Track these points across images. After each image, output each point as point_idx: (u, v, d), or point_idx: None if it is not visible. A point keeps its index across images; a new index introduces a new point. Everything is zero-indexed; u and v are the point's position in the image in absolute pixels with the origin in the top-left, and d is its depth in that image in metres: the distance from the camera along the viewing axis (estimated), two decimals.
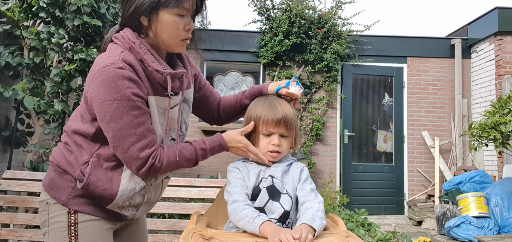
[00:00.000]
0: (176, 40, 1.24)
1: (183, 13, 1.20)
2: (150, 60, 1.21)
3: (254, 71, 6.48)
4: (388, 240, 4.14)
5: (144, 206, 1.40)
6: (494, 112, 4.05)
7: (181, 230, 2.48)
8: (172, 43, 1.24)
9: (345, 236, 1.16)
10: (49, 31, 3.45)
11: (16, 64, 3.46)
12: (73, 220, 1.26)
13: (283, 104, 1.39)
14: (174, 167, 1.25)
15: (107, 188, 1.25)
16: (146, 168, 1.18)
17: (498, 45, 5.76)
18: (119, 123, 1.14)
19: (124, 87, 1.13)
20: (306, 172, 1.37)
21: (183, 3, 1.19)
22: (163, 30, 1.20)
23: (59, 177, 1.28)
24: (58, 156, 1.30)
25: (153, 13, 1.18)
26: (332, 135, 6.28)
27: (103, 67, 1.14)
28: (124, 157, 1.19)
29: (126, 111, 1.14)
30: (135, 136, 1.16)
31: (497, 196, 4.47)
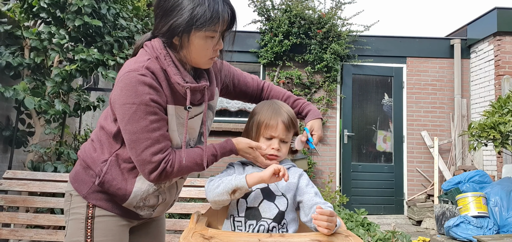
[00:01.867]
0: (204, 59, 1.29)
1: (213, 35, 1.24)
2: (172, 72, 1.25)
3: (254, 71, 6.49)
4: (387, 239, 4.15)
5: (160, 207, 1.45)
6: (493, 112, 4.07)
7: (181, 229, 2.49)
8: (200, 62, 1.29)
9: (345, 236, 1.17)
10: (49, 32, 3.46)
11: (17, 64, 3.47)
12: (91, 213, 1.32)
13: (288, 108, 1.45)
14: (185, 171, 1.28)
15: (121, 187, 1.31)
16: (157, 172, 1.22)
17: (497, 46, 5.77)
18: (135, 126, 1.20)
19: (144, 93, 1.19)
20: (306, 177, 1.40)
21: (214, 27, 1.22)
22: (193, 50, 1.25)
23: (83, 171, 1.35)
24: (85, 151, 1.37)
25: (185, 35, 1.22)
26: (332, 134, 6.29)
27: (127, 72, 1.21)
28: (138, 160, 1.23)
29: (143, 115, 1.19)
30: (150, 140, 1.20)
31: (496, 195, 4.49)
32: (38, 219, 2.51)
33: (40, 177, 2.62)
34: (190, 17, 1.18)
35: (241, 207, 1.31)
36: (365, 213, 5.36)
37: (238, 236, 1.15)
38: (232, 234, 1.19)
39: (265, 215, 1.28)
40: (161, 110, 1.24)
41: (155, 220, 1.57)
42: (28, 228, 2.63)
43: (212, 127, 6.50)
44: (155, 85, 1.21)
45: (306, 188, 1.34)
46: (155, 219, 1.57)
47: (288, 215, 1.32)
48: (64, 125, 3.84)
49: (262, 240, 1.12)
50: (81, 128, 4.90)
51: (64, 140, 3.86)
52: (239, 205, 1.31)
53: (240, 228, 1.30)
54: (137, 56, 1.30)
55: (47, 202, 2.56)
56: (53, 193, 2.73)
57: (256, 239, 1.12)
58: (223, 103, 6.38)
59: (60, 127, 3.77)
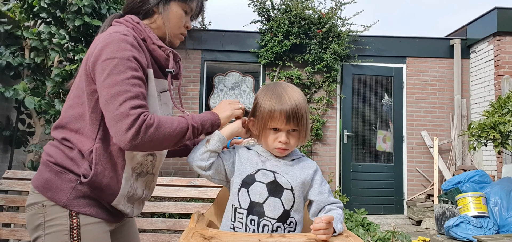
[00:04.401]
0: (177, 31, 1.36)
1: (188, 11, 1.36)
2: (154, 38, 1.30)
3: (254, 71, 6.50)
4: (387, 239, 4.16)
5: (139, 205, 1.41)
6: (493, 112, 4.07)
7: (181, 229, 2.49)
8: (173, 32, 1.36)
9: (345, 236, 1.17)
10: (50, 32, 3.46)
11: (17, 64, 3.47)
12: (76, 222, 1.19)
13: (292, 93, 1.27)
14: (166, 130, 1.16)
15: (113, 176, 1.23)
16: (136, 127, 1.10)
17: (497, 46, 5.77)
18: (115, 79, 1.12)
19: (126, 49, 1.17)
20: (320, 174, 1.31)
21: (191, 3, 1.36)
22: (171, 19, 1.33)
23: (56, 177, 1.20)
24: (56, 154, 1.22)
25: (166, 3, 1.32)
26: (332, 134, 6.29)
27: (108, 34, 1.19)
28: (115, 115, 1.11)
29: (124, 69, 1.14)
30: (130, 93, 1.12)
31: (496, 195, 4.49)
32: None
33: None
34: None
35: (243, 198, 1.25)
36: (365, 213, 5.36)
37: (238, 237, 1.15)
38: (232, 234, 1.19)
39: (269, 214, 1.22)
40: (143, 72, 1.20)
41: (128, 221, 1.50)
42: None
43: None
44: (137, 45, 1.21)
45: (320, 188, 1.28)
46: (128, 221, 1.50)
47: (295, 214, 1.25)
48: None
49: (263, 240, 1.12)
50: None
51: None
52: (240, 195, 1.25)
53: (241, 220, 1.24)
54: (108, 30, 1.25)
55: None
56: None
57: (256, 239, 1.12)
58: None
59: None
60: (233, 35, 6.37)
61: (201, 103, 6.29)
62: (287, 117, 1.23)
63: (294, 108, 1.23)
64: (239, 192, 1.26)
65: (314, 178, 1.29)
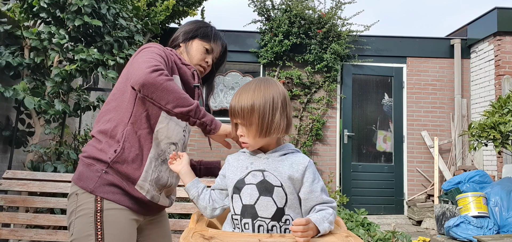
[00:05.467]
0: (197, 62, 1.64)
1: (209, 50, 1.66)
2: (183, 59, 1.58)
3: (254, 71, 6.49)
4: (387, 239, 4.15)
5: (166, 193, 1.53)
6: (494, 112, 4.07)
7: (181, 229, 2.49)
8: (193, 61, 1.63)
9: (345, 236, 1.17)
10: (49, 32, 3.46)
11: (16, 64, 3.46)
12: (100, 207, 1.33)
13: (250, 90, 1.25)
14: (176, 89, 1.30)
15: (139, 153, 1.38)
16: (156, 68, 1.28)
17: (497, 45, 5.77)
18: (146, 55, 1.35)
19: (157, 51, 1.41)
20: (312, 170, 1.26)
21: (210, 44, 1.66)
22: (192, 51, 1.64)
23: (86, 169, 1.37)
24: (88, 149, 1.41)
25: (189, 40, 1.66)
26: (332, 134, 6.29)
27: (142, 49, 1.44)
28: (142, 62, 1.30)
29: (153, 54, 1.37)
30: (155, 60, 1.33)
31: (496, 195, 4.49)
32: (38, 219, 2.51)
33: (40, 177, 2.61)
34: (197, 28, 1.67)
35: (236, 204, 1.24)
36: (365, 213, 5.35)
37: (238, 237, 1.15)
38: (232, 234, 1.18)
39: (262, 214, 1.19)
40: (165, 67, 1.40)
41: (160, 220, 1.61)
42: (28, 228, 2.63)
43: None
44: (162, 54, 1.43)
45: (312, 186, 1.23)
46: (160, 220, 1.61)
47: (290, 211, 1.22)
48: (64, 125, 3.84)
49: (262, 240, 1.11)
50: (81, 127, 4.90)
51: (64, 140, 3.86)
52: (234, 202, 1.25)
53: (238, 226, 1.24)
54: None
55: (47, 202, 2.56)
56: (53, 193, 2.73)
57: (256, 239, 1.12)
58: (223, 103, 6.38)
59: (60, 127, 3.77)
60: (233, 35, 6.37)
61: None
62: (232, 110, 1.27)
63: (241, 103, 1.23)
64: (233, 199, 1.25)
65: (305, 176, 1.23)
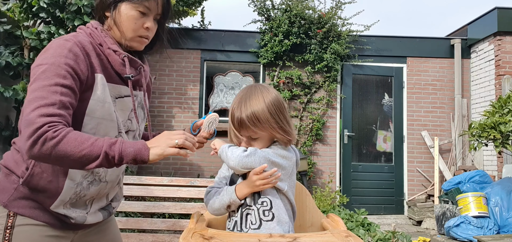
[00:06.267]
0: (133, 34, 1.26)
1: (144, 11, 1.25)
2: (109, 42, 1.24)
3: (254, 71, 6.49)
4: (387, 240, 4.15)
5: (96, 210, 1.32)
6: (494, 112, 4.06)
7: (181, 229, 2.49)
8: (130, 35, 1.26)
9: (345, 236, 1.17)
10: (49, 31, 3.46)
11: (16, 64, 3.46)
12: (11, 223, 1.17)
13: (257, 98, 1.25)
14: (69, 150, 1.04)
15: (53, 179, 1.17)
16: (36, 136, 1.01)
17: (497, 45, 5.76)
18: (38, 84, 1.07)
19: (61, 55, 1.11)
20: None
21: (144, 2, 1.24)
22: (122, 21, 1.24)
23: (4, 179, 1.21)
24: (7, 156, 1.24)
25: (115, 6, 1.24)
26: (332, 134, 6.28)
27: (54, 40, 1.18)
28: (25, 120, 1.03)
29: (51, 76, 1.08)
30: (45, 100, 1.05)
31: (496, 195, 4.48)
32: None
33: None
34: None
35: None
36: (365, 213, 5.35)
37: (238, 237, 1.15)
38: (232, 235, 1.18)
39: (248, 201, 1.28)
40: (75, 81, 1.12)
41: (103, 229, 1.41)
42: None
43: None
44: (77, 52, 1.14)
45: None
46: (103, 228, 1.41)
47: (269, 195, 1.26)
48: None
49: (262, 240, 1.11)
50: None
51: None
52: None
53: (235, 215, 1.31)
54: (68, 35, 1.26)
55: None
56: None
57: (256, 239, 1.12)
58: (223, 103, 6.38)
59: None
60: (233, 35, 6.37)
61: (201, 103, 6.28)
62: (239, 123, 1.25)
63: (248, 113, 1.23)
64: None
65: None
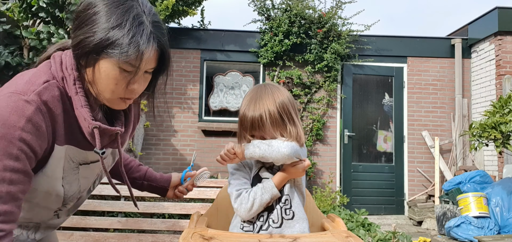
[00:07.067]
0: (112, 95, 0.99)
1: (127, 69, 0.95)
2: (79, 103, 0.98)
3: (254, 71, 6.48)
4: (388, 240, 4.14)
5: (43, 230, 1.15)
6: (495, 112, 4.05)
7: (181, 230, 2.48)
8: (107, 97, 0.99)
9: (345, 236, 1.16)
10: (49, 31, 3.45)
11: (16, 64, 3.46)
12: None
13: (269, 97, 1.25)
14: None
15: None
16: None
17: (498, 45, 5.76)
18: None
19: (17, 127, 0.86)
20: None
21: (130, 60, 0.93)
22: (100, 79, 0.96)
23: None
24: None
25: (91, 57, 0.94)
26: (332, 134, 6.27)
27: (11, 92, 0.89)
28: None
29: (0, 155, 0.85)
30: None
31: (497, 196, 4.47)
32: None
33: None
34: (102, 38, 0.91)
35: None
36: (365, 214, 5.34)
37: (238, 237, 1.14)
38: (232, 235, 1.17)
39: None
40: (30, 160, 0.91)
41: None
42: None
43: (212, 127, 6.48)
44: (39, 123, 0.90)
45: None
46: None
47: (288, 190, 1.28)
48: None
49: (262, 240, 1.10)
50: None
51: None
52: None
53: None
54: (36, 70, 0.99)
55: None
56: None
57: (256, 239, 1.11)
58: (223, 103, 6.37)
59: None
60: (233, 35, 6.36)
61: (201, 103, 6.27)
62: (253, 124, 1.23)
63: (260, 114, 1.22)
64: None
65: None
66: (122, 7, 0.93)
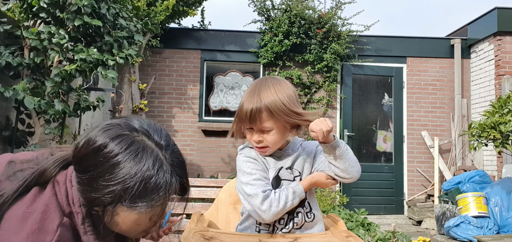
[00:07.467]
0: (135, 233, 0.96)
1: (150, 217, 0.93)
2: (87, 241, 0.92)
3: (254, 71, 6.49)
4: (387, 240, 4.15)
5: None
6: (494, 112, 4.06)
7: (181, 229, 2.48)
8: (130, 235, 0.97)
9: (345, 236, 1.17)
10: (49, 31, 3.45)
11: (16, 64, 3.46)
12: None
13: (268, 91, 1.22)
14: None
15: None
16: None
17: (497, 45, 5.76)
18: None
19: None
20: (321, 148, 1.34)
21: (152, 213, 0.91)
22: (121, 223, 0.91)
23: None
24: None
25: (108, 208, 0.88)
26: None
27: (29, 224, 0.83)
28: None
29: None
30: None
31: (496, 195, 4.48)
32: None
33: None
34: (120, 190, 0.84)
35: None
36: (365, 213, 5.35)
37: (238, 237, 1.15)
38: (232, 235, 1.18)
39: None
40: None
41: None
42: None
43: (212, 127, 6.47)
44: None
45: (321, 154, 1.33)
46: None
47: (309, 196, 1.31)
48: (64, 125, 3.83)
49: (263, 240, 1.11)
50: (81, 128, 4.89)
51: (64, 140, 3.86)
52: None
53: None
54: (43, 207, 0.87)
55: None
56: None
57: (256, 239, 1.12)
58: (223, 103, 6.38)
59: (60, 127, 3.76)
60: (233, 35, 6.37)
61: (201, 103, 6.28)
62: (251, 116, 1.19)
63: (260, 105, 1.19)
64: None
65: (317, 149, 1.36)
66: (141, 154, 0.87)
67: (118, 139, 0.87)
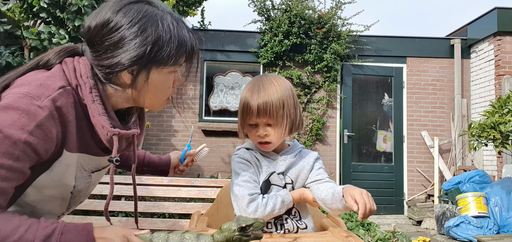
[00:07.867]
0: (162, 100, 1.06)
1: (177, 69, 1.03)
2: (97, 111, 0.96)
3: (254, 71, 6.49)
4: (387, 239, 4.15)
5: None
6: (494, 112, 4.06)
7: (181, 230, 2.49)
8: (156, 103, 1.05)
9: (345, 236, 1.17)
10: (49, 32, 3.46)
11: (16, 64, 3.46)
12: None
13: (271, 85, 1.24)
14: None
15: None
16: None
17: (497, 45, 5.77)
18: None
19: (25, 130, 0.84)
20: (321, 162, 1.34)
21: (180, 59, 1.00)
22: (151, 90, 1.00)
23: None
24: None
25: (142, 73, 0.96)
26: (332, 134, 6.28)
27: (24, 94, 0.87)
28: None
29: (1, 153, 0.83)
30: None
31: (496, 195, 4.48)
32: None
33: None
34: (150, 50, 0.93)
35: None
36: None
37: None
38: None
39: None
40: (31, 159, 0.88)
41: None
42: None
43: (212, 127, 6.48)
44: (49, 128, 0.88)
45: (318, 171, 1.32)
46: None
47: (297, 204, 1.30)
48: None
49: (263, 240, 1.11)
50: None
51: None
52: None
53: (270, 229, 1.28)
54: (50, 73, 0.95)
55: None
56: None
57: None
58: (223, 103, 6.38)
59: None
60: (233, 35, 6.37)
61: (201, 103, 6.28)
62: (258, 109, 1.21)
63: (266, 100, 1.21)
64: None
65: (314, 164, 1.33)
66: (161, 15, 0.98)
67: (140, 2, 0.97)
